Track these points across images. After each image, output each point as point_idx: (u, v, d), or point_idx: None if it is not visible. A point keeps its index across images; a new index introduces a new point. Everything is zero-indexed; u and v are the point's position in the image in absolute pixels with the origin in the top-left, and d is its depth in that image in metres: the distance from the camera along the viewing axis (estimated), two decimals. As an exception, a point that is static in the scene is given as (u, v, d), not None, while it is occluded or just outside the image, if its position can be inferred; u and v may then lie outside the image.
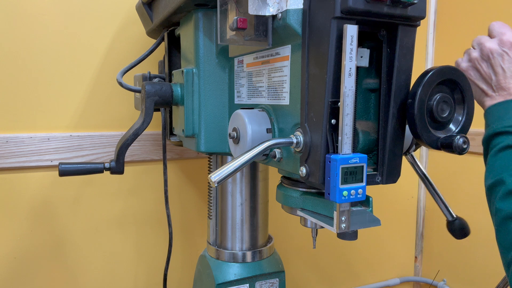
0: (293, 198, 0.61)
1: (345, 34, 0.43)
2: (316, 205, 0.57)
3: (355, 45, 0.43)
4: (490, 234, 1.17)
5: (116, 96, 1.04)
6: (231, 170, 0.49)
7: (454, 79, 0.50)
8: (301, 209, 0.59)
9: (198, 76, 0.69)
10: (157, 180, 1.10)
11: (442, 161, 1.44)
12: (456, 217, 0.73)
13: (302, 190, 0.60)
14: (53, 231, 1.01)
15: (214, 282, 0.75)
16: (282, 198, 0.63)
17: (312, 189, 0.60)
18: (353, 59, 0.43)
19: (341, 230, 0.48)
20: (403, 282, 1.53)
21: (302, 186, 0.61)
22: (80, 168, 0.71)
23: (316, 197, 0.57)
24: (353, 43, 0.43)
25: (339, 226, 0.48)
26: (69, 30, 0.98)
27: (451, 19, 1.39)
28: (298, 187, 0.61)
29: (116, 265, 1.09)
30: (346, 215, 0.48)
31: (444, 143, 0.48)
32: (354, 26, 0.43)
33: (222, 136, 0.71)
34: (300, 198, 0.60)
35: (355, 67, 0.44)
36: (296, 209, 0.60)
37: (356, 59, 0.44)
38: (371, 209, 0.55)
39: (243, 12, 0.51)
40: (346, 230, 0.49)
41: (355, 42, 0.43)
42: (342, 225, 0.48)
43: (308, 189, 0.60)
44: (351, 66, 0.44)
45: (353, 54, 0.43)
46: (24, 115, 0.96)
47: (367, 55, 0.45)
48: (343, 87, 0.44)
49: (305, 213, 0.58)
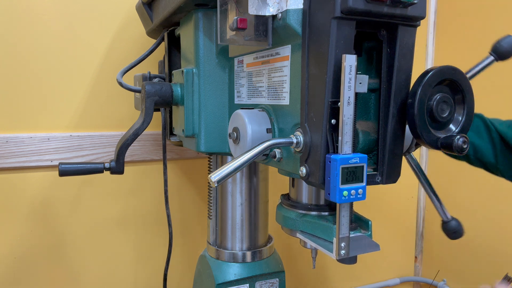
0: (292, 220, 0.61)
1: (343, 63, 0.43)
2: (315, 228, 0.57)
3: (354, 74, 0.44)
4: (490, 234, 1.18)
5: (116, 96, 1.04)
6: (231, 170, 0.49)
7: (454, 79, 0.50)
8: (301, 232, 0.60)
9: (198, 76, 0.69)
10: (157, 180, 1.10)
11: (442, 161, 1.44)
12: (451, 218, 0.73)
13: (302, 212, 0.61)
14: (53, 231, 1.01)
15: (214, 282, 0.75)
16: (281, 220, 0.63)
17: (311, 211, 0.61)
18: (351, 88, 0.44)
19: (341, 257, 0.49)
20: (403, 282, 1.53)
21: (302, 208, 0.61)
22: (80, 168, 0.71)
23: (315, 220, 0.58)
24: (351, 72, 0.44)
25: (338, 253, 0.49)
26: (69, 30, 0.98)
27: (451, 19, 1.39)
28: (298, 208, 0.62)
29: (116, 265, 1.09)
30: (345, 241, 0.49)
31: (444, 143, 0.48)
32: (353, 56, 0.44)
33: (222, 136, 0.71)
34: (299, 220, 0.60)
35: (354, 95, 0.44)
36: (296, 231, 0.61)
37: (355, 88, 0.44)
38: (370, 232, 0.56)
39: (243, 12, 0.51)
40: (346, 257, 0.50)
41: (353, 71, 0.44)
42: (342, 251, 0.49)
43: (307, 211, 0.61)
44: (350, 95, 0.44)
45: (352, 83, 0.44)
46: (24, 115, 0.96)
47: (365, 81, 0.46)
48: (342, 115, 0.44)
49: (305, 236, 0.59)
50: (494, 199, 1.27)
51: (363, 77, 0.45)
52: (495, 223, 1.26)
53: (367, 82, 0.46)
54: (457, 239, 0.72)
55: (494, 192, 1.27)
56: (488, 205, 1.28)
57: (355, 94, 0.44)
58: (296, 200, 0.64)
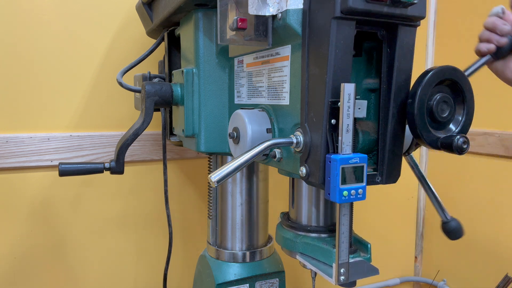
0: (291, 241, 0.61)
1: (342, 92, 0.44)
2: (315, 251, 0.57)
3: (353, 102, 0.44)
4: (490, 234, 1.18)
5: (116, 96, 1.04)
6: (231, 170, 0.49)
7: (454, 79, 0.50)
8: (300, 254, 0.60)
9: (198, 76, 0.69)
10: (157, 180, 1.10)
11: (442, 161, 1.44)
12: (451, 218, 0.73)
13: (301, 234, 0.61)
14: (53, 231, 1.01)
15: (214, 282, 0.75)
16: (281, 241, 0.63)
17: (311, 233, 0.61)
18: (350, 116, 0.45)
19: (340, 282, 0.50)
20: (403, 282, 1.53)
21: (301, 229, 0.62)
22: (80, 168, 0.71)
23: (315, 243, 0.58)
24: (350, 100, 0.44)
25: (338, 279, 0.49)
26: (69, 30, 0.98)
27: (451, 19, 1.39)
28: (297, 230, 0.62)
29: (116, 265, 1.09)
30: (345, 267, 0.49)
31: (444, 143, 0.48)
32: (351, 84, 0.44)
33: (222, 136, 0.71)
34: (299, 242, 0.60)
35: (352, 123, 0.45)
36: (296, 253, 0.61)
37: (353, 115, 0.45)
38: (370, 255, 0.56)
39: (243, 12, 0.51)
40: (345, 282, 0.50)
41: (352, 99, 0.44)
42: (341, 277, 0.50)
43: (306, 233, 0.61)
44: (349, 122, 0.45)
45: (351, 111, 0.44)
46: (24, 115, 0.96)
47: (364, 106, 0.46)
48: (341, 142, 0.45)
49: (304, 258, 0.59)
50: (494, 199, 1.27)
51: (362, 102, 0.46)
52: (495, 223, 1.26)
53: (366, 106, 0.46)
54: (457, 239, 0.72)
55: (494, 192, 1.27)
56: (488, 205, 1.28)
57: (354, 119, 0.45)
58: (296, 221, 0.65)
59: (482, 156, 1.28)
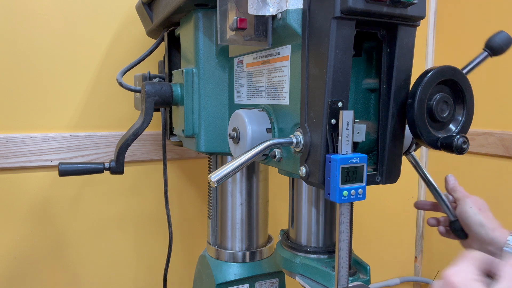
0: (291, 263, 0.61)
1: (341, 119, 0.44)
2: (315, 273, 0.58)
3: (351, 128, 0.45)
4: (490, 234, 1.15)
5: (116, 96, 1.04)
6: (231, 170, 0.49)
7: (454, 79, 0.50)
8: (300, 275, 0.60)
9: (198, 76, 0.69)
10: (157, 180, 1.10)
11: (442, 161, 1.44)
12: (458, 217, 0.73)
13: (301, 255, 0.61)
14: (53, 231, 1.01)
15: (214, 282, 0.75)
16: (282, 262, 0.64)
17: (311, 254, 0.61)
18: (349, 142, 0.45)
19: None
20: (403, 282, 1.53)
21: (301, 250, 0.62)
22: (80, 168, 0.71)
23: (314, 265, 0.58)
24: (349, 127, 0.45)
25: None
26: (69, 30, 0.98)
27: (451, 19, 1.39)
28: (297, 251, 0.62)
29: (116, 265, 1.09)
30: None
31: (444, 143, 0.48)
32: (350, 112, 0.45)
33: (222, 136, 0.71)
34: (299, 264, 0.60)
35: (351, 149, 0.45)
36: (295, 274, 0.61)
37: (352, 139, 0.45)
38: (369, 278, 0.56)
39: (243, 12, 0.51)
40: None
41: (351, 126, 0.45)
42: None
43: (307, 254, 0.61)
44: (347, 149, 0.45)
45: (349, 137, 0.45)
46: (24, 115, 0.96)
47: (363, 130, 0.46)
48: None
49: (304, 280, 0.59)
50: (494, 199, 1.27)
51: (360, 127, 0.46)
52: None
53: (365, 130, 0.47)
54: (465, 238, 0.73)
55: (494, 192, 1.27)
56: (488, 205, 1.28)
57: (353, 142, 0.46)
58: (295, 241, 0.65)
59: (482, 156, 1.29)
